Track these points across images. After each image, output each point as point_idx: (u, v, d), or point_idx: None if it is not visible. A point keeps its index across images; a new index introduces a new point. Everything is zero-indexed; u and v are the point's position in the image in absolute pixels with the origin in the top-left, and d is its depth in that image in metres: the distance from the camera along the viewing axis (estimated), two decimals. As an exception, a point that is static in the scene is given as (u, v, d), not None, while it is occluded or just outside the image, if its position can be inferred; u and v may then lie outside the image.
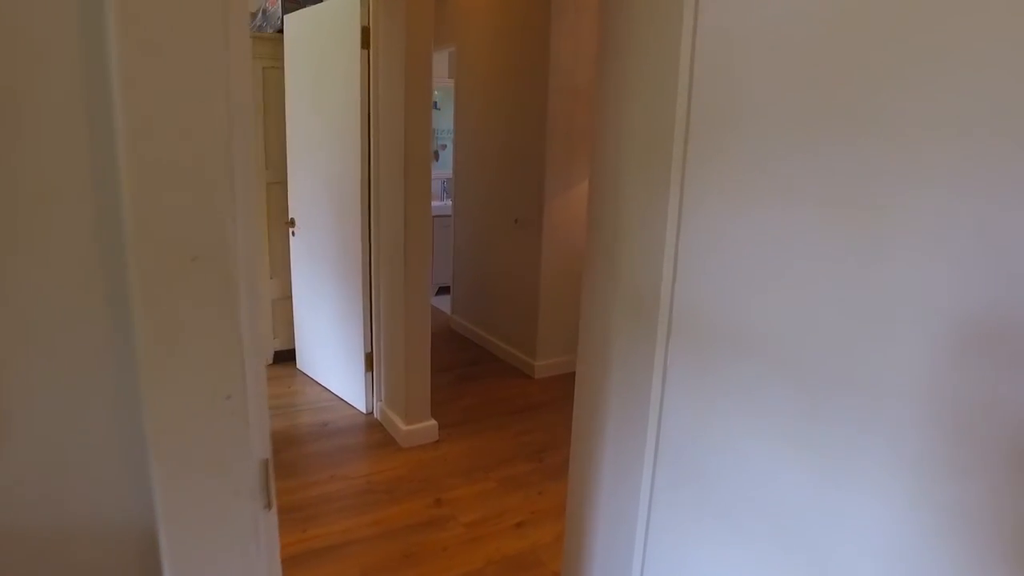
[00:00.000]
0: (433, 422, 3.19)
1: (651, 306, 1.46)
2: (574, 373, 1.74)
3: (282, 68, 3.63)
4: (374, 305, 3.32)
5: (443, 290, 5.85)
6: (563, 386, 3.90)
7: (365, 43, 2.99)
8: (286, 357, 4.12)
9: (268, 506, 0.94)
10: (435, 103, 6.81)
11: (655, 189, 1.42)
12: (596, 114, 1.69)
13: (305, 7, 3.51)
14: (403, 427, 3.12)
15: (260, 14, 3.83)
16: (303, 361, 3.98)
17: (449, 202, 5.95)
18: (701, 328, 1.33)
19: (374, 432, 3.28)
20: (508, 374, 4.09)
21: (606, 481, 1.73)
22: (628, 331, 1.57)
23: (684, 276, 1.37)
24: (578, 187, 3.85)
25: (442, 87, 6.29)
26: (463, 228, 4.75)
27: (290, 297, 3.98)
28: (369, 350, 3.39)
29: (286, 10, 3.57)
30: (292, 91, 3.57)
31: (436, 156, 6.82)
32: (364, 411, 3.47)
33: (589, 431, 1.79)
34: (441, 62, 6.04)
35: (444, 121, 6.50)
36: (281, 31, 3.58)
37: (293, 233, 3.79)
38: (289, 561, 2.28)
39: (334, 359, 3.63)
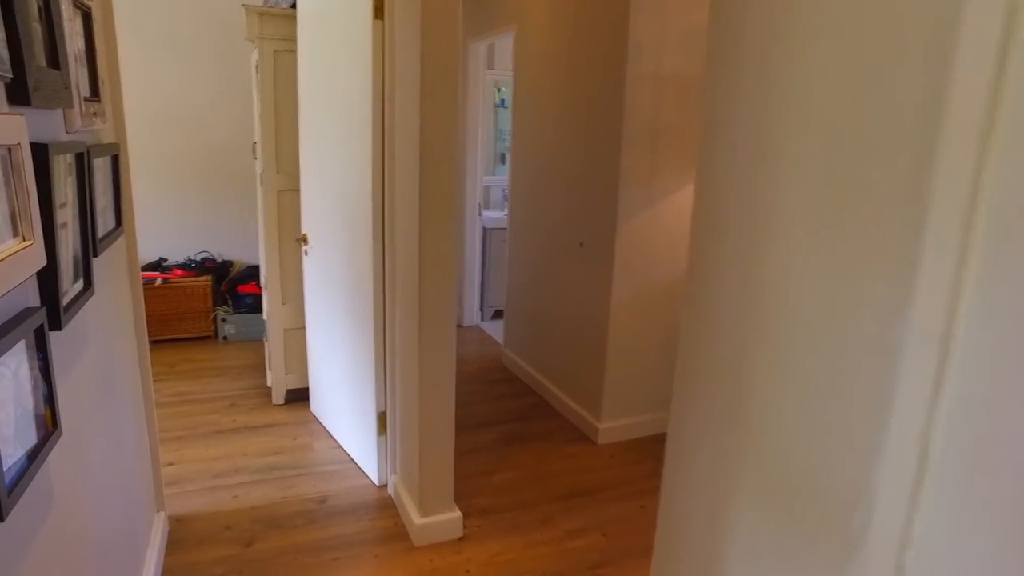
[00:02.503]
0: (456, 514, 2.41)
1: (840, 526, 0.62)
2: (647, 439, 1.01)
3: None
4: (389, 352, 2.58)
5: (500, 314, 5.08)
6: (633, 459, 3.04)
7: (379, 12, 2.25)
8: (300, 397, 3.45)
9: None
10: (502, 100, 6.07)
11: (870, 257, 0.58)
12: (708, 101, 0.86)
13: (324, -26, 2.81)
14: (416, 520, 2.36)
15: (276, -14, 3.18)
16: (316, 405, 3.30)
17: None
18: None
19: (384, 517, 2.53)
20: (564, 436, 3.26)
21: None
22: (770, 543, 0.74)
23: (954, 499, 0.52)
24: (661, 204, 2.98)
25: (511, 82, 5.52)
26: (518, 248, 3.96)
27: (304, 327, 3.31)
28: (383, 408, 2.65)
29: (303, -21, 2.90)
30: (303, 78, 2.89)
31: (502, 159, 6.08)
32: (376, 483, 2.74)
33: None
34: (507, 49, 5.27)
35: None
36: (296, 6, 2.91)
37: (306, 252, 3.11)
38: None
39: (348, 412, 2.92)
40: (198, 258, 4.44)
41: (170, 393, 3.53)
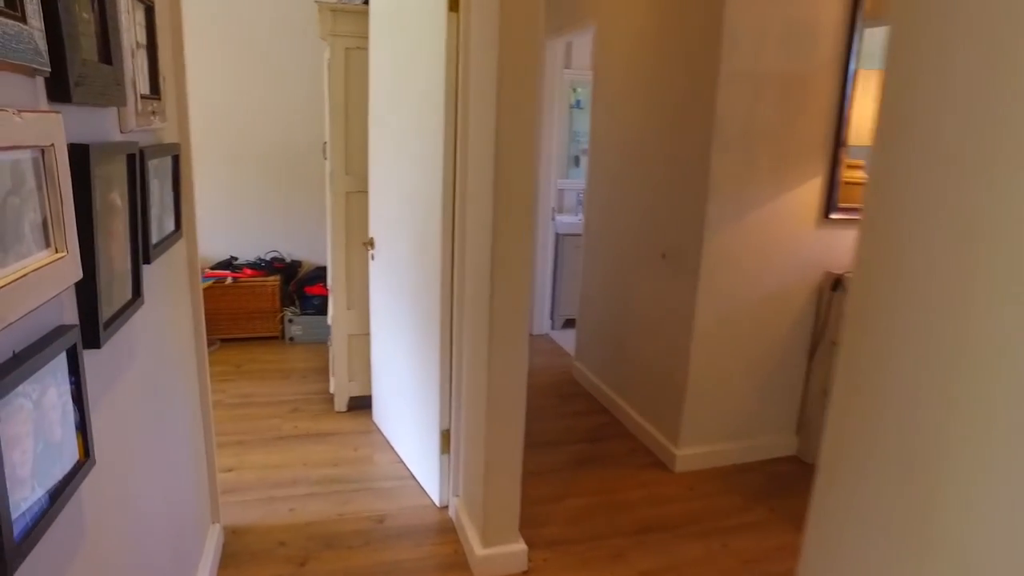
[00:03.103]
0: (521, 547, 2.24)
1: None
2: (728, 469, 0.81)
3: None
4: (455, 366, 2.43)
5: (571, 323, 4.88)
6: (713, 491, 2.78)
7: (454, 4, 2.10)
8: (363, 405, 3.36)
9: None
10: (578, 101, 5.88)
11: None
12: (889, 88, 0.65)
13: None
14: (478, 550, 2.19)
15: (351, -18, 3.09)
16: (379, 415, 3.19)
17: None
18: None
19: (444, 543, 2.38)
20: (638, 460, 3.03)
21: None
22: None
23: None
24: (754, 215, 2.71)
25: (589, 82, 5.30)
26: (594, 256, 3.76)
27: (368, 334, 3.21)
28: (447, 426, 2.51)
29: (378, -27, 2.79)
30: (374, 76, 2.78)
31: (576, 162, 5.88)
32: (437, 503, 2.59)
33: None
34: (585, 48, 5.07)
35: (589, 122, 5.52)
36: (368, 1, 2.80)
37: (372, 256, 3.00)
38: None
39: (411, 425, 2.80)
40: (268, 257, 4.45)
41: (235, 394, 3.51)
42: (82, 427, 1.04)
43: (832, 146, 2.71)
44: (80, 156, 1.04)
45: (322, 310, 4.26)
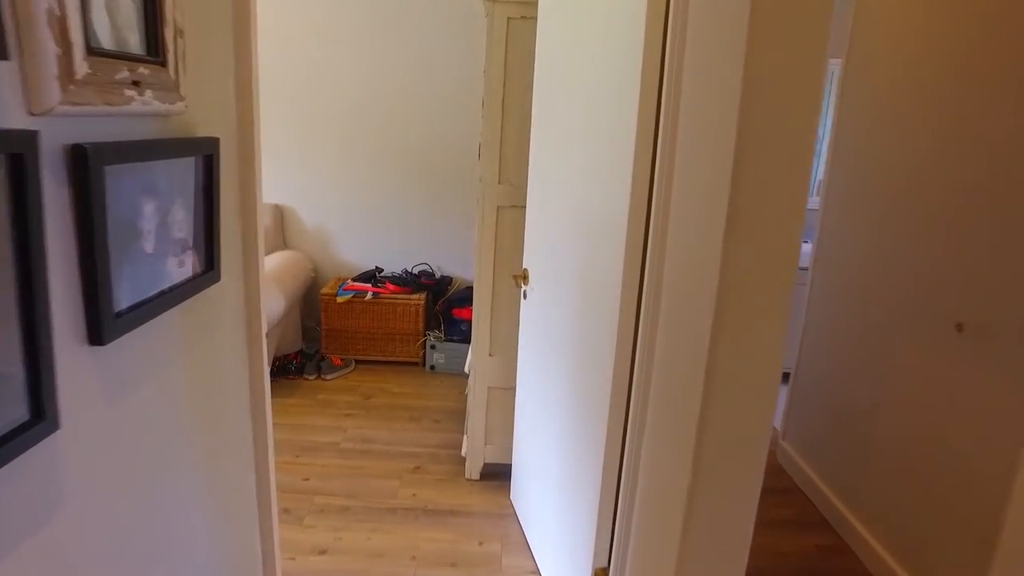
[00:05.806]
0: None
1: None
2: None
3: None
4: (626, 483, 1.62)
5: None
6: None
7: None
8: (499, 473, 2.66)
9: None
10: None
11: None
12: None
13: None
14: None
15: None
16: (517, 495, 2.47)
17: (805, 246, 3.91)
18: None
19: None
20: (890, 630, 2.01)
21: None
22: None
23: None
24: None
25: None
26: (826, 300, 2.73)
27: (514, 388, 2.50)
28: (604, 564, 1.70)
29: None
30: (541, 52, 2.03)
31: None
32: (582, 662, 1.80)
33: None
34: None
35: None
36: (544, -52, 2.06)
37: (524, 294, 2.27)
38: None
39: (554, 539, 2.03)
40: (415, 271, 3.91)
41: (355, 437, 2.97)
42: None
43: None
44: None
45: (470, 338, 3.64)
